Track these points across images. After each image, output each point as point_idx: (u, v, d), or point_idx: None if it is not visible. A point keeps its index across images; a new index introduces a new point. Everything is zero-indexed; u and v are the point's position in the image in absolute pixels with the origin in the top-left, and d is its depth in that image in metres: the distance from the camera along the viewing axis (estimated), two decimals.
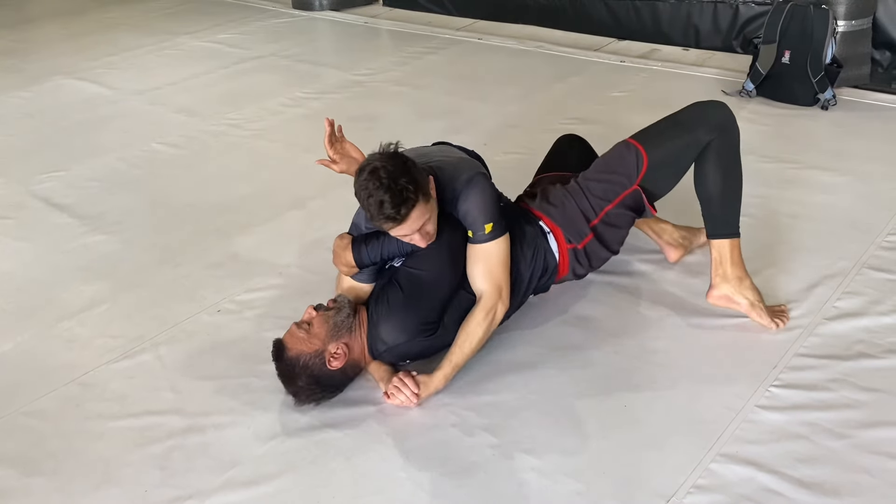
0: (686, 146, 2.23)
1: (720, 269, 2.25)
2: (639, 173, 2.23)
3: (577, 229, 2.28)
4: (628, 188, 2.25)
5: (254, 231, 3.05)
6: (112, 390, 2.26)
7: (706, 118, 2.24)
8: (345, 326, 2.07)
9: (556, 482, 1.86)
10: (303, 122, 4.06)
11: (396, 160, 1.93)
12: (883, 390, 2.05)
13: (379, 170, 1.90)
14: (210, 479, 1.93)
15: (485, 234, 2.07)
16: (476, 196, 2.06)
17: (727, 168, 2.24)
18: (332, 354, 2.05)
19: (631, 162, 2.24)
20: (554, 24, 5.19)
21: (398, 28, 5.56)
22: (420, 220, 1.96)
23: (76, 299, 2.69)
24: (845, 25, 3.81)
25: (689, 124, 2.24)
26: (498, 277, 2.10)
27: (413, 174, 1.93)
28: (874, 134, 3.51)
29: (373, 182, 1.90)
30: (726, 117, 2.25)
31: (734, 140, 2.26)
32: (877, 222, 2.80)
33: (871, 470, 1.83)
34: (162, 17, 6.24)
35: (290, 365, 2.05)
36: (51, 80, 4.89)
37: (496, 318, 2.13)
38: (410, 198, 1.90)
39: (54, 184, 3.54)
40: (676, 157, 2.25)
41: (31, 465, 2.03)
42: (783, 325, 2.27)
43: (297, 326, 2.08)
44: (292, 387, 2.07)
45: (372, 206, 1.91)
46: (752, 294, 2.26)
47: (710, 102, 2.34)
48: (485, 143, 2.59)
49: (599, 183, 2.28)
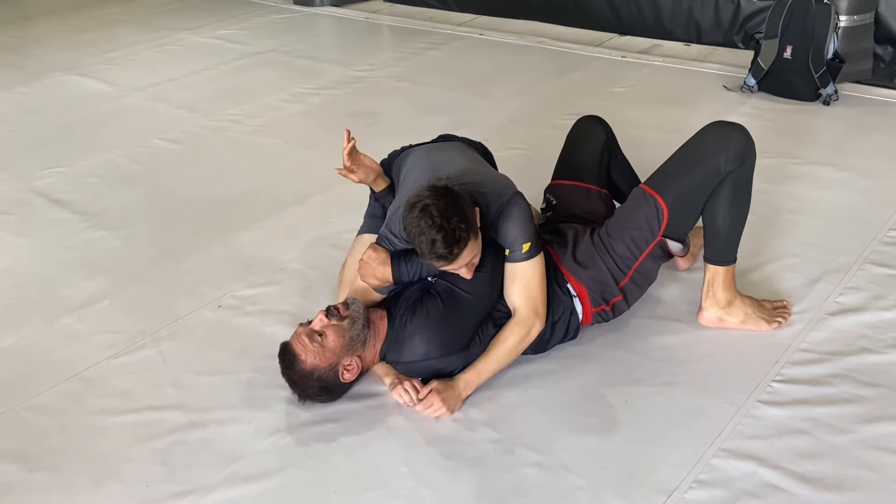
0: (705, 182, 2.13)
1: (711, 292, 2.23)
2: (660, 226, 2.15)
3: (605, 292, 2.20)
4: (651, 242, 2.17)
5: (255, 227, 3.05)
6: (113, 386, 2.26)
7: (726, 147, 2.11)
8: (360, 340, 2.03)
9: (558, 477, 1.86)
10: (304, 118, 4.06)
11: (448, 197, 1.89)
12: (885, 385, 2.05)
13: (430, 207, 1.86)
14: (211, 475, 1.94)
15: (522, 254, 2.04)
16: (516, 216, 2.04)
17: (739, 200, 2.18)
18: (346, 367, 2.03)
19: (650, 215, 2.15)
20: (555, 19, 5.18)
21: (399, 24, 5.55)
22: (470, 255, 1.94)
23: (77, 295, 2.69)
24: (847, 20, 3.80)
25: (708, 156, 2.12)
26: (535, 296, 2.07)
27: (465, 212, 1.90)
28: (876, 129, 3.51)
29: (425, 220, 1.86)
30: (746, 145, 2.14)
31: (751, 169, 2.17)
32: (878, 217, 2.79)
33: (872, 465, 1.83)
34: (162, 12, 6.24)
35: (303, 376, 2.02)
36: (51, 77, 4.89)
37: (530, 335, 2.09)
38: (463, 237, 1.88)
39: (55, 180, 3.54)
40: (696, 197, 2.16)
41: (33, 460, 2.03)
42: (784, 322, 2.27)
43: (310, 338, 2.00)
44: (301, 393, 2.06)
45: (423, 245, 1.88)
46: (743, 311, 2.24)
47: (729, 128, 2.18)
48: (486, 139, 2.58)
49: (622, 242, 2.18)
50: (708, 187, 2.14)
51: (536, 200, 2.57)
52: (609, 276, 2.19)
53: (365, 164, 2.28)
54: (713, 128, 2.19)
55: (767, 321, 2.25)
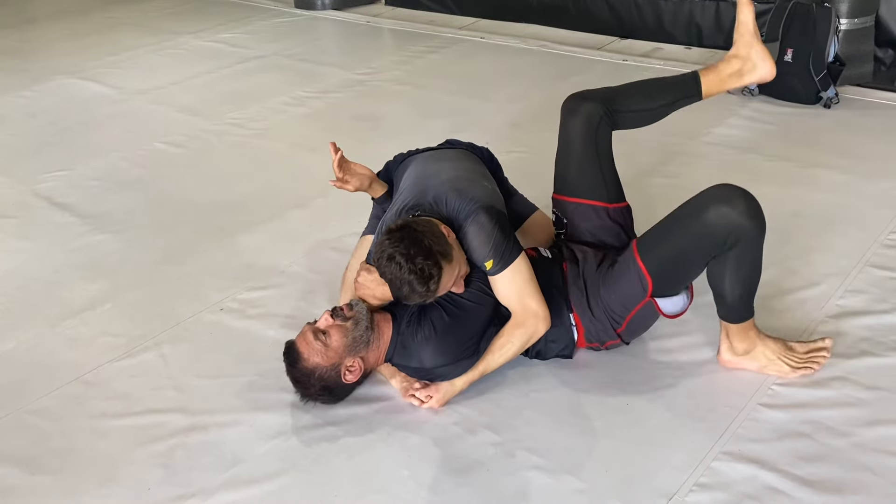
0: (698, 257, 2.00)
1: (727, 343, 2.12)
2: (646, 291, 2.04)
3: (602, 335, 2.16)
4: (640, 302, 2.07)
5: (256, 230, 3.05)
6: (115, 389, 2.26)
7: (728, 224, 1.91)
8: (363, 341, 2.03)
9: (558, 480, 1.86)
10: (305, 122, 4.06)
11: (408, 239, 1.91)
12: (886, 388, 2.05)
13: (395, 255, 1.90)
14: (213, 478, 1.94)
15: (488, 270, 2.04)
16: (473, 234, 2.04)
17: (748, 269, 2.01)
18: (348, 368, 2.03)
19: (634, 282, 2.05)
20: (556, 23, 5.18)
21: (400, 27, 5.56)
22: (451, 279, 1.97)
23: (79, 298, 2.70)
24: (848, 23, 3.80)
25: (701, 233, 1.95)
26: (522, 302, 2.05)
27: (425, 245, 1.90)
28: (877, 132, 3.51)
29: (393, 268, 1.90)
30: (751, 222, 1.92)
31: (759, 241, 1.97)
32: (879, 220, 2.79)
33: (873, 468, 1.83)
34: (164, 16, 6.25)
35: (305, 374, 2.03)
36: (53, 80, 4.90)
37: (535, 334, 2.07)
38: (434, 273, 1.90)
39: (57, 183, 3.54)
40: (687, 267, 2.04)
41: (35, 463, 2.03)
42: (816, 370, 2.10)
43: (315, 336, 2.01)
44: (303, 391, 2.06)
45: (403, 290, 1.93)
46: (764, 357, 2.10)
47: (733, 203, 1.93)
48: (487, 143, 2.58)
49: (616, 297, 2.09)
50: (700, 261, 2.01)
51: (539, 202, 2.57)
52: (607, 322, 2.13)
53: (358, 173, 2.31)
54: (713, 199, 1.96)
55: (793, 367, 2.10)
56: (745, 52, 2.22)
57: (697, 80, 2.24)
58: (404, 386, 2.11)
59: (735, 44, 2.24)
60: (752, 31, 2.21)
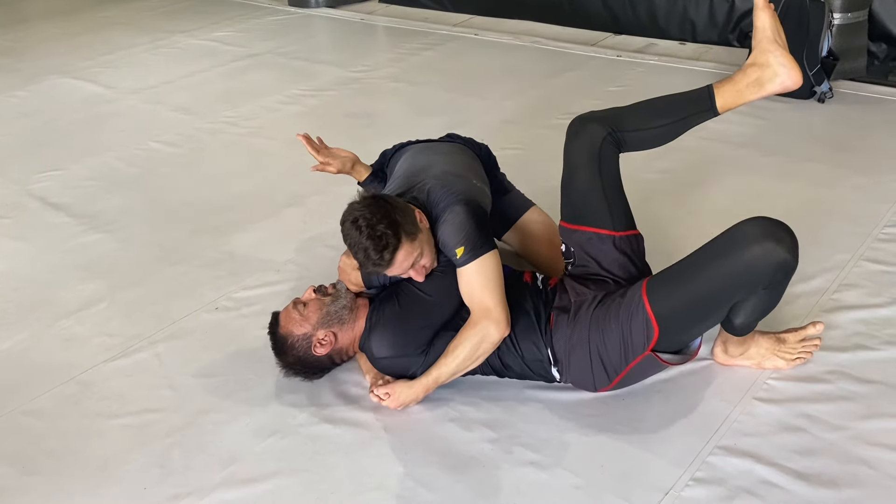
0: (722, 301, 1.87)
1: (721, 346, 2.11)
2: (648, 342, 1.91)
3: (589, 386, 2.05)
4: (640, 355, 1.94)
5: (251, 228, 3.05)
6: (110, 388, 2.26)
7: (768, 265, 1.77)
8: (337, 317, 2.09)
9: (555, 476, 1.86)
10: (300, 120, 4.05)
11: (375, 206, 1.91)
12: (880, 382, 2.06)
13: (358, 219, 1.90)
14: (209, 477, 1.94)
15: (458, 259, 2.00)
16: (449, 222, 2.01)
17: (766, 307, 1.92)
18: (319, 341, 2.08)
19: (638, 329, 1.91)
20: (550, 19, 5.18)
21: (394, 24, 5.55)
22: (408, 259, 1.94)
23: (74, 298, 2.69)
24: (841, 18, 3.80)
25: (741, 273, 1.79)
26: (482, 298, 1.97)
27: (392, 217, 1.89)
28: (871, 126, 3.51)
29: (354, 231, 1.90)
30: (793, 259, 1.79)
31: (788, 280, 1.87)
32: (874, 215, 2.80)
33: (868, 461, 1.83)
34: (157, 15, 6.23)
35: (279, 342, 2.10)
36: (46, 80, 4.88)
37: (486, 337, 1.98)
38: (391, 243, 1.88)
39: (51, 183, 3.54)
40: (705, 314, 1.91)
41: (30, 463, 2.03)
42: (808, 358, 2.11)
43: (294, 306, 2.11)
44: (281, 360, 2.13)
45: (359, 255, 1.92)
46: (758, 354, 2.10)
47: (778, 238, 1.78)
48: (481, 139, 2.58)
49: (615, 343, 1.95)
50: (727, 303, 1.87)
51: (533, 198, 2.57)
52: (591, 380, 2.02)
53: (340, 155, 2.39)
54: (759, 235, 1.78)
55: (787, 360, 2.10)
56: (764, 60, 1.98)
57: (711, 93, 2.02)
58: (371, 381, 2.12)
59: (753, 51, 2.03)
60: (771, 37, 1.98)
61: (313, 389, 2.17)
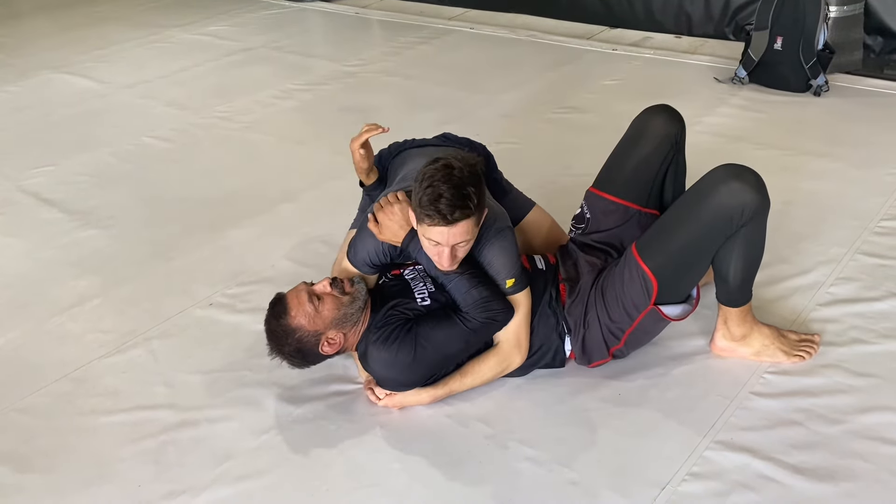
0: (707, 244, 1.95)
1: (723, 329, 2.12)
2: (650, 296, 1.97)
3: (594, 355, 2.10)
4: (644, 310, 2.00)
5: (245, 224, 3.03)
6: (104, 385, 2.25)
7: (738, 203, 1.88)
8: (351, 320, 2.01)
9: (551, 471, 1.85)
10: (294, 115, 4.04)
11: (474, 169, 1.86)
12: (876, 375, 2.06)
13: (454, 168, 1.80)
14: (204, 474, 1.93)
15: (507, 288, 2.02)
16: (504, 248, 2.01)
17: (752, 251, 1.99)
18: (328, 340, 2.00)
19: (638, 287, 1.98)
20: (546, 12, 5.16)
21: (389, 18, 5.53)
22: (463, 235, 1.85)
23: (67, 294, 2.67)
24: (837, 11, 3.80)
25: (714, 213, 1.90)
26: (517, 331, 2.03)
27: (481, 190, 1.85)
28: (867, 119, 3.51)
29: (442, 173, 1.79)
30: (762, 199, 1.91)
31: (765, 219, 1.97)
32: (870, 208, 2.79)
33: (865, 455, 1.83)
34: (151, 9, 6.20)
35: (284, 331, 1.98)
36: (39, 75, 4.86)
37: (509, 367, 2.06)
38: (470, 205, 1.79)
39: (44, 179, 3.52)
40: (695, 260, 1.98)
41: (24, 461, 2.02)
42: (808, 357, 2.12)
43: (309, 298, 1.98)
44: (276, 346, 2.01)
45: (427, 195, 1.78)
46: (759, 343, 2.11)
47: (742, 179, 1.90)
48: (477, 133, 2.57)
49: (617, 307, 2.03)
50: (711, 248, 1.96)
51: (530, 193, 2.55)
52: (602, 341, 2.07)
53: (371, 155, 2.28)
54: (722, 178, 1.92)
55: (787, 353, 2.11)
56: None
57: None
58: (368, 377, 2.10)
59: None
60: None
61: (308, 386, 2.17)
